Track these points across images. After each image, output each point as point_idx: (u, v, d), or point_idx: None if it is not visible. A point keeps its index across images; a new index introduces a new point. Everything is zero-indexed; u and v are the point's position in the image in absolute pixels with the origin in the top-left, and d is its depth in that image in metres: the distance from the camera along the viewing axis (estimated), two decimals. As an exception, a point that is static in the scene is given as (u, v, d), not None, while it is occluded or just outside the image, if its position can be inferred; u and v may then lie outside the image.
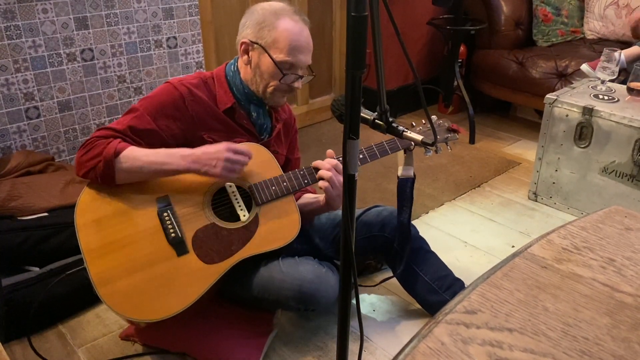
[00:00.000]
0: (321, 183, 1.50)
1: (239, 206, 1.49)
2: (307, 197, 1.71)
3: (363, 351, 1.58)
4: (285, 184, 1.50)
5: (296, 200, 1.70)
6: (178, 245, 1.41)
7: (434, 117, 1.62)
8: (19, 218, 1.79)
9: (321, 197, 1.64)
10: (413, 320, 1.73)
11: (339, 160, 1.53)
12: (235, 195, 1.49)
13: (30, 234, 1.73)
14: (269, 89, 1.52)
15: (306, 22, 1.51)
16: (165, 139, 1.45)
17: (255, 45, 1.48)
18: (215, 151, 1.39)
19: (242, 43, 1.50)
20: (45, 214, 1.83)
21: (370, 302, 1.81)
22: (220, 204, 1.51)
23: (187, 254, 1.41)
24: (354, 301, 1.01)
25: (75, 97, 2.24)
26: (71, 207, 1.86)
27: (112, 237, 1.38)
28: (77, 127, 2.29)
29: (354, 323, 1.56)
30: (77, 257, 1.68)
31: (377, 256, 1.92)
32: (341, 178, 1.48)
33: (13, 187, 1.87)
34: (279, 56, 1.46)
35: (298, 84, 1.53)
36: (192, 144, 1.49)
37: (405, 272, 1.69)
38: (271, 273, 1.52)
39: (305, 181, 1.52)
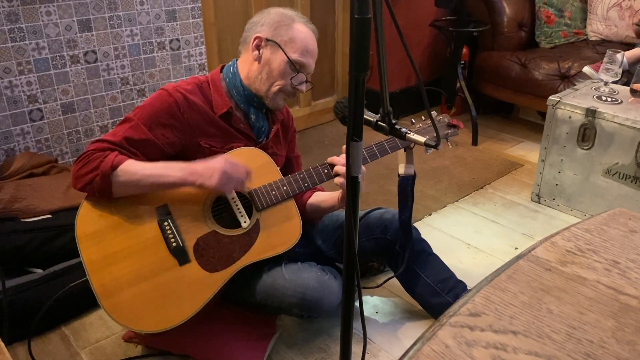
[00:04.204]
0: (337, 179, 1.48)
1: (240, 212, 1.47)
2: (321, 195, 1.69)
3: (366, 353, 1.57)
4: (285, 188, 1.49)
5: (308, 198, 1.69)
6: (179, 255, 1.40)
7: (433, 113, 1.61)
8: (22, 220, 1.80)
9: (336, 194, 1.62)
10: (416, 322, 1.73)
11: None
12: (235, 202, 1.48)
13: (34, 236, 1.73)
14: (274, 89, 1.50)
15: (315, 33, 1.54)
16: (162, 148, 1.43)
17: (270, 42, 1.48)
18: (213, 163, 1.37)
19: (256, 38, 1.48)
20: (49, 215, 1.83)
21: (373, 304, 1.81)
22: (221, 210, 1.50)
23: (189, 263, 1.41)
24: (356, 303, 1.01)
25: (78, 99, 2.25)
26: (74, 209, 1.87)
27: (114, 249, 1.37)
28: (80, 129, 2.30)
29: (357, 325, 1.56)
30: (80, 260, 1.68)
31: (379, 258, 1.92)
32: None
33: (16, 189, 1.87)
34: (293, 55, 1.47)
35: (303, 87, 1.53)
36: (189, 151, 1.47)
37: (407, 274, 1.69)
38: (274, 280, 1.51)
39: (306, 184, 1.50)
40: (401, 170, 1.56)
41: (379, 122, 0.92)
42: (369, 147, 1.54)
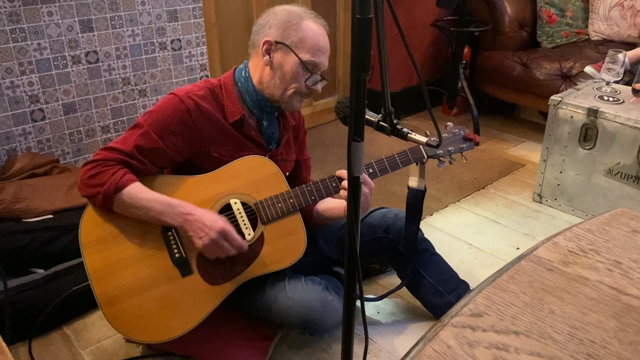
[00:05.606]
0: (342, 192, 1.44)
1: (244, 224, 1.44)
2: (329, 202, 1.64)
3: (367, 353, 1.57)
4: (291, 200, 1.45)
5: (316, 203, 1.65)
6: (182, 266, 1.39)
7: (450, 124, 1.58)
8: (24, 220, 1.80)
9: (343, 203, 1.57)
10: (417, 322, 1.73)
11: (364, 168, 1.45)
12: (240, 213, 1.44)
13: (35, 236, 1.74)
14: (289, 92, 1.44)
15: (326, 27, 1.48)
16: (171, 156, 1.40)
17: (280, 45, 1.42)
18: (211, 225, 1.33)
19: (265, 42, 1.42)
20: (50, 215, 1.83)
21: (374, 304, 1.80)
22: None
23: (191, 275, 1.40)
24: (358, 303, 1.01)
25: (80, 99, 2.25)
26: (76, 209, 1.88)
27: (117, 257, 1.36)
28: (81, 130, 2.30)
29: (358, 325, 1.56)
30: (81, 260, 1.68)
31: (381, 258, 1.91)
32: (366, 189, 1.43)
33: (18, 189, 1.88)
34: (305, 56, 1.41)
35: (319, 87, 1.47)
36: (197, 158, 1.44)
37: (410, 274, 1.68)
38: (277, 296, 1.49)
39: (312, 198, 1.46)
40: (413, 183, 1.53)
41: (381, 122, 0.92)
42: (380, 161, 1.49)
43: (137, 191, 1.33)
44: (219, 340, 1.54)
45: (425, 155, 1.50)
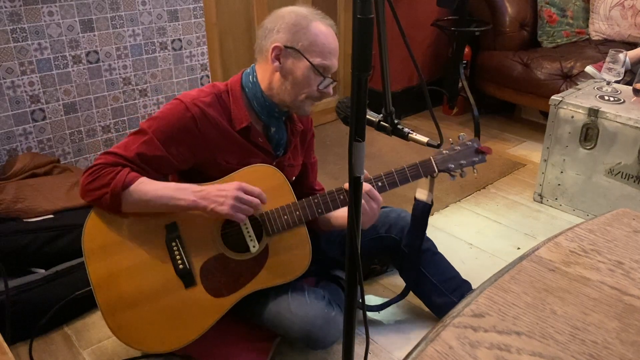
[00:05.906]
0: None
1: (249, 236, 1.42)
2: (339, 210, 1.58)
3: (369, 354, 1.57)
4: (297, 213, 1.42)
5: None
6: (186, 277, 1.39)
7: (463, 135, 1.55)
8: (24, 220, 1.80)
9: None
10: (419, 322, 1.72)
11: (373, 181, 1.44)
12: (245, 224, 1.42)
13: (36, 236, 1.74)
14: (301, 97, 1.41)
15: (333, 27, 1.45)
16: (175, 165, 1.39)
17: (290, 50, 1.37)
18: (226, 187, 1.32)
19: (275, 48, 1.37)
20: (51, 215, 1.83)
21: (375, 304, 1.80)
22: (230, 231, 1.45)
23: (194, 286, 1.39)
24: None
25: (80, 99, 2.25)
26: (77, 209, 1.88)
27: (120, 266, 1.36)
28: (82, 129, 2.30)
29: (359, 326, 1.56)
30: (82, 260, 1.68)
31: (383, 258, 1.91)
32: (374, 204, 1.41)
33: (19, 189, 1.88)
34: (316, 60, 1.37)
35: (330, 90, 1.44)
36: (203, 166, 1.43)
37: (412, 273, 1.68)
38: (279, 310, 1.47)
39: (319, 210, 1.43)
40: (421, 195, 1.51)
41: (381, 122, 0.92)
42: (389, 174, 1.45)
43: (145, 184, 1.32)
44: (220, 341, 1.54)
45: (436, 169, 1.47)
